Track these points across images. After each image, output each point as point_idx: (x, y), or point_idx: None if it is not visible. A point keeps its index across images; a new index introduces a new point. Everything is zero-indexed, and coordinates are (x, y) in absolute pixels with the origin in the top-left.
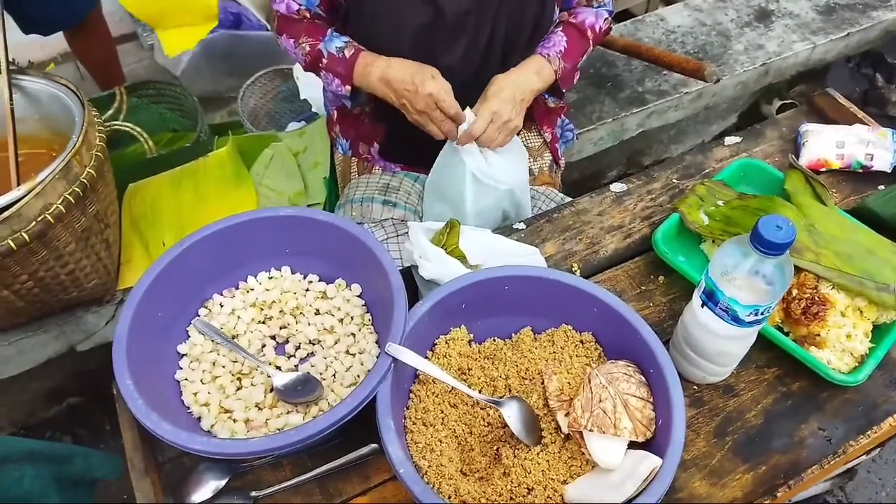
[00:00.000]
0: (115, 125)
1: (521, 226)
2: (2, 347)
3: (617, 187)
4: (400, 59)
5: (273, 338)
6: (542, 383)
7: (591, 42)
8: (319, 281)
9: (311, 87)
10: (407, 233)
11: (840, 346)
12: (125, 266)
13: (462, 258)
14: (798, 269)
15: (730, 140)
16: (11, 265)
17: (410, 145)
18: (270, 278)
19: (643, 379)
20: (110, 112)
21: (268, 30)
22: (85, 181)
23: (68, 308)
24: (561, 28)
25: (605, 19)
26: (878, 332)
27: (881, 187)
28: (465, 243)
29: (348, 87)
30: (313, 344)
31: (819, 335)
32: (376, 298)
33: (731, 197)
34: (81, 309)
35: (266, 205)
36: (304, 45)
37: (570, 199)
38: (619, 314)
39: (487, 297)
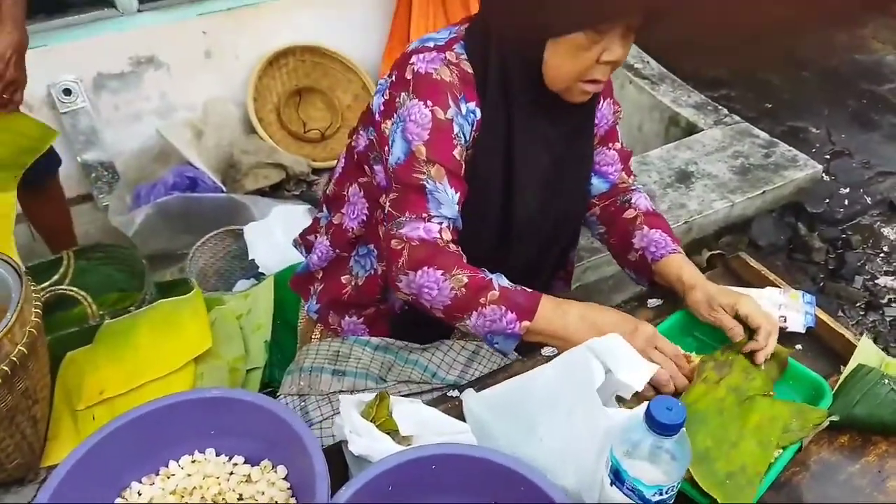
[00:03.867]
0: (60, 290)
1: (455, 393)
2: None
3: (547, 351)
4: (593, 304)
5: None
6: None
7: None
8: (245, 463)
9: (259, 248)
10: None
11: None
12: (51, 442)
13: (394, 430)
14: None
15: (652, 302)
16: None
17: (425, 324)
18: (193, 461)
19: None
20: (56, 277)
21: (223, 191)
22: (15, 360)
23: None
24: (643, 226)
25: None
26: None
27: (798, 347)
28: (397, 414)
29: (525, 324)
30: None
31: None
32: (302, 482)
33: None
34: (1, 489)
35: (204, 370)
36: (459, 276)
37: (515, 356)
38: (547, 495)
39: (414, 477)
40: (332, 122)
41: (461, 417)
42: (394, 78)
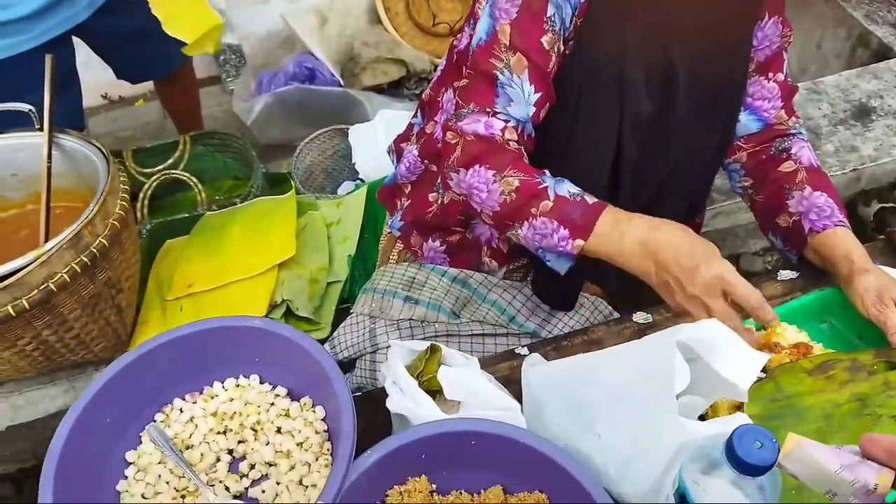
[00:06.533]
0: (174, 174)
1: (524, 351)
2: (14, 396)
3: (640, 317)
4: (670, 223)
5: (230, 452)
6: None
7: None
8: (286, 396)
9: (361, 152)
10: (423, 338)
11: None
12: (141, 327)
13: (439, 389)
14: None
15: (784, 274)
16: (13, 329)
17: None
18: (238, 386)
19: None
20: (171, 160)
21: (340, 85)
22: (95, 251)
23: (79, 365)
24: (804, 186)
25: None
26: None
27: None
28: (444, 374)
29: (578, 243)
30: (270, 465)
31: None
32: (336, 428)
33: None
34: (92, 366)
35: (285, 278)
36: (511, 178)
37: (617, 314)
38: (592, 497)
39: (451, 449)
40: (463, 15)
41: (520, 384)
42: None
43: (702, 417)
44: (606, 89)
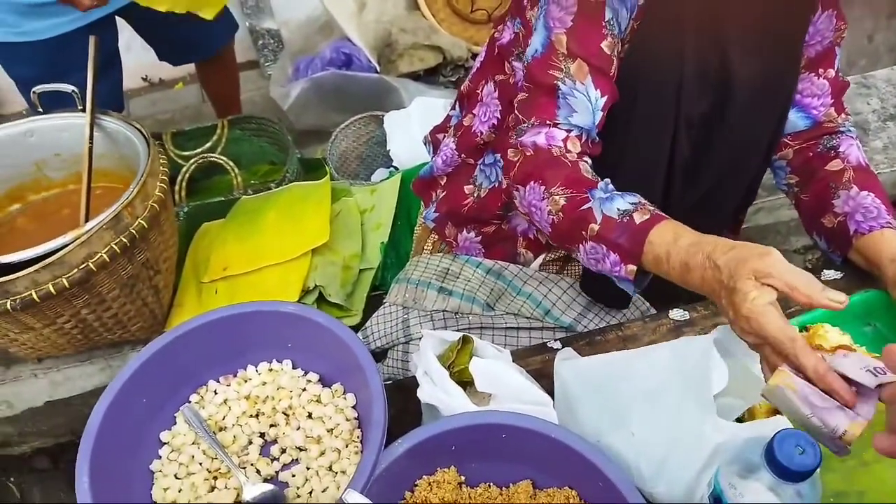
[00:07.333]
0: (212, 157)
1: (557, 345)
2: (53, 373)
3: (677, 314)
4: (711, 241)
5: (262, 435)
6: None
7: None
8: (318, 382)
9: (396, 140)
10: (456, 330)
11: None
12: (177, 308)
13: (471, 381)
14: None
15: (828, 274)
16: (53, 306)
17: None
18: (271, 370)
19: None
20: (209, 144)
21: (377, 71)
22: (134, 232)
23: (115, 344)
24: (851, 185)
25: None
26: None
27: None
28: (476, 366)
29: (631, 268)
30: (300, 450)
31: None
32: (367, 415)
33: None
34: (128, 346)
35: (318, 264)
36: (557, 196)
37: (654, 310)
38: (623, 495)
39: (481, 442)
40: (503, 2)
41: (552, 377)
42: None
43: (739, 421)
44: (663, 90)
